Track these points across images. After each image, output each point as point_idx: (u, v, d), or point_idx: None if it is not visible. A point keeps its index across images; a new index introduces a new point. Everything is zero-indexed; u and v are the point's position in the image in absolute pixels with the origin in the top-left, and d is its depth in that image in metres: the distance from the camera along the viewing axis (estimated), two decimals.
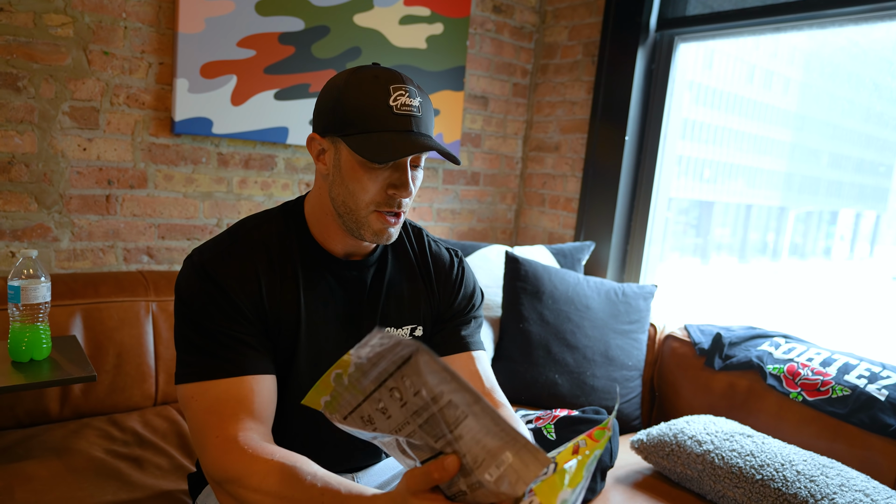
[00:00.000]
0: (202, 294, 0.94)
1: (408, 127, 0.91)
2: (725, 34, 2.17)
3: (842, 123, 2.50)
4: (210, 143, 1.93)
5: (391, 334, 0.60)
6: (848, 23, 1.89)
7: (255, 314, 0.96)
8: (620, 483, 1.55)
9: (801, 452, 1.45)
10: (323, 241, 1.03)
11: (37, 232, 1.70)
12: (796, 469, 1.38)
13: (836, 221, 2.75)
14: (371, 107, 0.90)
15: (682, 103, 2.38)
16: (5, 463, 1.32)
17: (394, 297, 1.08)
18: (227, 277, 0.94)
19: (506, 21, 2.55)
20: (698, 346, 1.89)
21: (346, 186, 0.94)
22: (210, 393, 0.91)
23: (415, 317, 1.10)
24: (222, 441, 0.86)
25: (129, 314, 1.66)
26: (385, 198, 0.94)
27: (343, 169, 0.94)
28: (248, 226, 1.02)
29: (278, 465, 0.82)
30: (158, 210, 1.89)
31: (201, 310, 0.94)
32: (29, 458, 1.35)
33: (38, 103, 1.65)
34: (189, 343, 0.94)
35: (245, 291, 0.95)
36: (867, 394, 1.54)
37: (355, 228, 0.96)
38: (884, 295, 2.35)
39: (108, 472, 1.35)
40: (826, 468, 1.39)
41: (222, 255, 0.97)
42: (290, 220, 1.04)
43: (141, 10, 1.75)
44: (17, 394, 1.48)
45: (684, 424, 1.57)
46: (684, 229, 2.90)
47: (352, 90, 0.92)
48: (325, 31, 2.05)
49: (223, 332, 0.93)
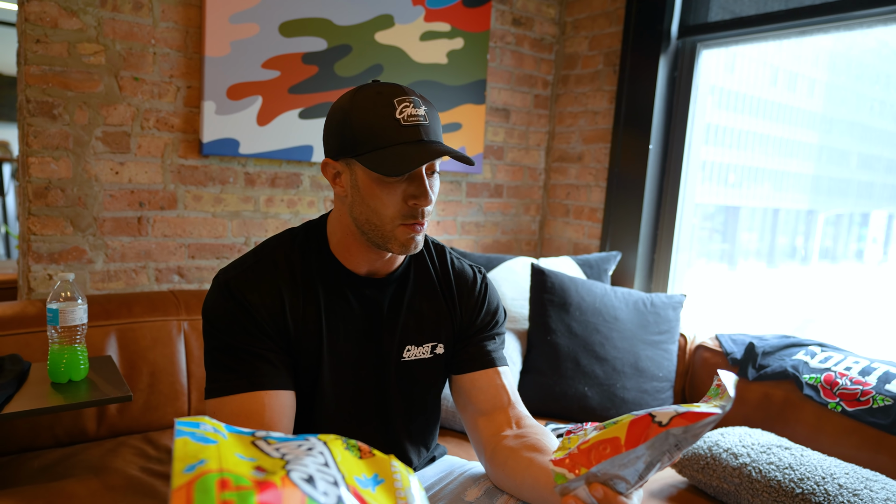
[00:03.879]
0: (225, 311, 0.96)
1: (417, 136, 0.92)
2: (749, 39, 2.15)
3: (872, 124, 2.47)
4: (237, 163, 1.97)
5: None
6: (877, 24, 1.86)
7: (276, 331, 0.97)
8: (655, 497, 1.53)
9: (843, 465, 1.42)
10: (344, 259, 1.04)
11: (72, 254, 1.75)
12: (838, 482, 1.35)
13: (868, 223, 2.69)
14: (379, 123, 0.91)
15: (705, 108, 2.36)
16: (47, 482, 1.35)
17: (413, 314, 1.08)
18: (250, 295, 0.96)
19: (526, 33, 2.56)
20: (730, 356, 1.86)
21: (368, 205, 0.95)
22: (227, 408, 0.93)
23: (435, 335, 1.10)
24: None
25: (161, 333, 1.69)
26: (407, 210, 0.94)
27: (361, 188, 0.95)
28: (272, 245, 1.04)
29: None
30: (188, 230, 1.92)
31: (224, 327, 0.96)
32: (69, 476, 1.38)
33: (72, 130, 1.70)
34: (213, 360, 0.97)
35: (267, 308, 0.97)
36: None
37: (382, 244, 0.97)
38: None
39: (144, 490, 1.37)
40: (870, 481, 1.36)
41: (246, 273, 0.99)
42: (313, 239, 1.05)
43: (169, 35, 1.80)
44: (56, 413, 1.51)
45: (719, 437, 1.55)
46: (710, 235, 2.87)
47: (357, 110, 0.93)
48: (348, 49, 2.08)
49: (243, 348, 0.95)
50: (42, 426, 1.51)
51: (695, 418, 0.63)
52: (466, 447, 1.70)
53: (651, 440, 0.63)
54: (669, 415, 0.65)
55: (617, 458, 0.66)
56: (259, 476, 0.51)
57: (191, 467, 0.49)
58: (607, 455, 0.67)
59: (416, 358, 1.08)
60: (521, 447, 0.97)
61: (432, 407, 1.16)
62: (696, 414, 0.63)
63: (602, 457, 0.68)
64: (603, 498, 0.69)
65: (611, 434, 0.69)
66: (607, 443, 0.68)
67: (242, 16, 1.86)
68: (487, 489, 1.05)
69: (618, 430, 0.68)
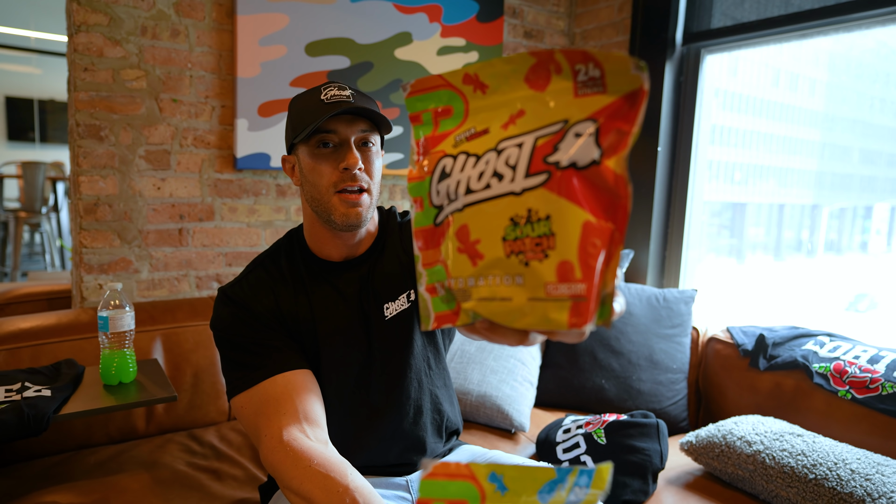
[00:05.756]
0: (228, 316, 1.02)
1: (338, 110, 0.95)
2: (751, 43, 2.12)
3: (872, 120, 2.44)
4: (269, 175, 2.00)
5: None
6: (875, 25, 1.83)
7: (276, 322, 1.02)
8: (672, 484, 1.52)
9: (854, 451, 1.39)
10: (319, 251, 1.08)
11: (120, 265, 1.78)
12: (850, 468, 1.33)
13: (871, 216, 2.66)
14: (307, 107, 0.99)
15: (710, 110, 2.34)
16: (101, 476, 1.38)
17: (385, 277, 1.09)
18: (244, 296, 1.03)
19: (537, 45, 2.56)
20: (742, 347, 1.84)
21: (310, 181, 1.00)
22: (254, 399, 0.95)
23: (405, 283, 1.10)
24: (269, 440, 0.90)
25: (202, 337, 1.72)
26: (339, 176, 0.98)
27: (305, 169, 1.01)
28: (262, 256, 1.11)
29: (314, 471, 0.84)
30: (225, 239, 1.95)
31: (230, 329, 1.01)
32: (121, 471, 1.41)
33: (118, 149, 1.74)
34: (228, 361, 1.01)
35: (262, 304, 1.02)
36: None
37: (327, 217, 1.00)
38: None
39: (191, 483, 1.40)
40: (881, 466, 1.33)
41: (240, 282, 1.06)
42: (294, 242, 1.11)
43: (204, 59, 1.83)
44: (108, 413, 1.55)
45: (733, 425, 1.53)
46: (718, 231, 2.85)
47: (294, 103, 1.02)
48: (369, 66, 2.10)
49: (251, 342, 0.99)
50: (96, 425, 1.55)
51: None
52: (490, 438, 1.70)
53: None
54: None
55: None
56: None
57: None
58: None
59: (396, 312, 1.09)
60: None
61: (434, 357, 1.15)
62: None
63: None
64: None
65: None
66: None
67: (271, 38, 1.89)
68: None
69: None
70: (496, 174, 0.46)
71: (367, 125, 1.00)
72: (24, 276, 4.40)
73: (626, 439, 1.48)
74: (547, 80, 0.46)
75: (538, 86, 0.46)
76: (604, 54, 0.42)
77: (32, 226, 4.90)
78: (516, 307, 0.45)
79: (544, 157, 0.44)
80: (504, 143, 0.47)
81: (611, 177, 0.42)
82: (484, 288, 0.47)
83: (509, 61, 0.47)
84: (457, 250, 0.48)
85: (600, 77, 0.43)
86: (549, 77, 0.46)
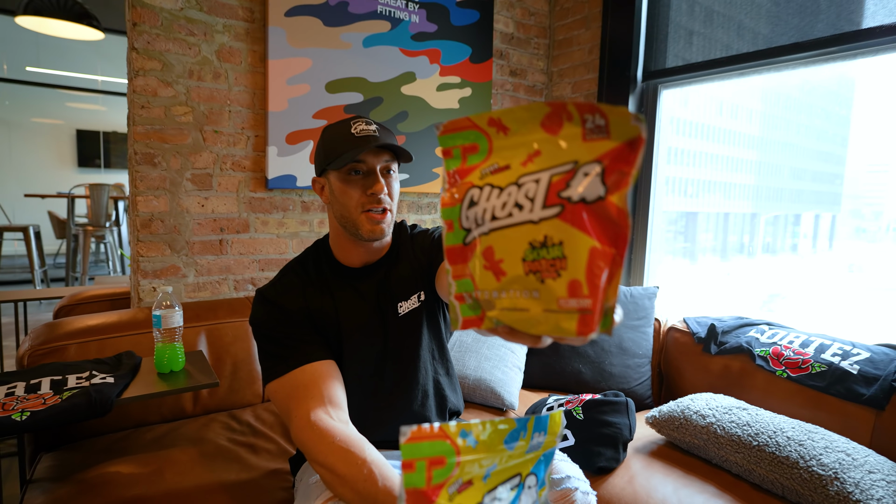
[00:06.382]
0: (264, 313, 1.02)
1: (367, 144, 0.97)
2: (699, 80, 2.13)
3: (799, 143, 2.48)
4: (295, 194, 2.00)
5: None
6: (800, 66, 1.84)
7: (305, 319, 1.02)
8: (639, 453, 1.51)
9: (790, 421, 1.40)
10: (343, 258, 1.09)
11: (170, 271, 1.78)
12: (787, 435, 1.33)
13: (800, 223, 2.68)
14: (339, 137, 0.99)
15: (667, 135, 2.35)
16: (156, 450, 1.38)
17: (397, 278, 1.10)
18: (278, 296, 1.03)
19: (521, 82, 2.57)
20: (696, 335, 1.84)
21: (340, 202, 1.01)
22: (286, 385, 0.95)
23: (416, 285, 1.10)
24: (299, 420, 0.90)
25: (240, 332, 1.72)
26: (366, 199, 0.99)
27: (335, 192, 1.01)
28: (292, 262, 1.12)
29: (337, 446, 0.84)
30: (258, 249, 1.95)
31: (266, 324, 1.01)
32: (172, 446, 1.41)
33: (168, 174, 1.74)
34: (265, 352, 1.01)
35: (293, 303, 1.02)
36: (842, 369, 1.47)
37: (355, 231, 1.02)
38: (842, 282, 2.30)
39: (232, 456, 1.39)
40: (812, 433, 1.33)
41: (274, 284, 1.06)
42: (320, 250, 1.11)
43: (241, 97, 1.83)
44: (162, 397, 1.54)
45: (689, 402, 1.53)
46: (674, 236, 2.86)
47: (327, 133, 1.02)
48: (380, 101, 2.10)
49: (285, 335, 0.99)
50: (151, 406, 1.55)
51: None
52: (485, 416, 1.70)
53: None
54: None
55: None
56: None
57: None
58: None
59: (409, 310, 1.09)
60: None
61: (438, 349, 1.16)
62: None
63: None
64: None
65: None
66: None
67: (297, 79, 1.90)
68: None
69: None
70: (517, 205, 0.47)
71: (390, 156, 1.01)
72: (91, 280, 4.40)
73: (601, 415, 1.48)
74: (560, 126, 0.46)
75: (552, 130, 0.47)
76: (608, 107, 0.43)
77: (98, 238, 4.94)
78: (533, 317, 0.46)
79: (558, 192, 0.45)
80: (524, 178, 0.48)
81: (614, 210, 0.43)
82: (506, 300, 0.48)
83: (528, 109, 0.48)
84: (483, 267, 0.49)
85: (605, 125, 0.44)
86: (561, 123, 0.46)
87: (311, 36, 1.91)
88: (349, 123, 1.00)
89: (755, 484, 1.33)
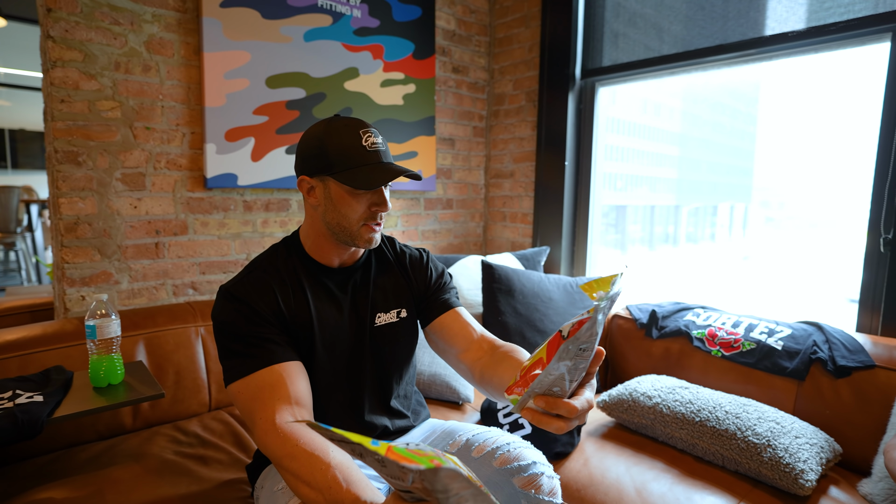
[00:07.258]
0: (231, 310, 0.97)
1: (379, 159, 0.98)
2: (632, 79, 2.23)
3: (716, 140, 2.66)
4: (236, 193, 1.91)
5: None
6: (720, 66, 1.97)
7: (275, 318, 0.98)
8: (592, 436, 1.57)
9: (726, 396, 1.50)
10: (319, 257, 1.07)
11: (101, 278, 1.66)
12: (725, 409, 1.42)
13: (717, 213, 2.89)
14: (350, 148, 0.96)
15: (603, 132, 2.44)
16: (94, 470, 1.28)
17: (379, 289, 1.11)
18: (247, 294, 0.98)
19: (463, 78, 2.58)
20: (638, 321, 1.93)
21: (339, 211, 0.99)
22: (250, 385, 0.92)
23: (398, 302, 1.13)
24: (264, 422, 0.87)
25: (182, 338, 1.63)
26: (370, 214, 0.99)
27: (334, 199, 0.99)
28: (259, 259, 1.07)
29: (301, 450, 0.83)
30: (198, 251, 1.86)
31: (232, 322, 0.96)
32: (112, 464, 1.31)
33: (95, 173, 1.61)
34: (228, 350, 0.96)
35: (264, 301, 0.98)
36: (768, 346, 1.59)
37: (349, 241, 1.01)
38: (757, 266, 2.52)
39: (180, 469, 1.32)
40: (746, 406, 1.44)
41: (242, 281, 1.01)
42: (291, 248, 1.08)
43: (174, 91, 1.73)
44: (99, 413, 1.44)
45: (636, 384, 1.61)
46: (606, 229, 2.98)
47: (331, 138, 0.97)
48: (322, 97, 2.05)
49: (251, 334, 0.95)
50: (85, 424, 1.44)
51: (582, 324, 0.65)
52: (442, 410, 1.71)
53: (559, 352, 0.64)
54: (568, 327, 0.66)
55: (543, 373, 0.66)
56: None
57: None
58: (537, 374, 0.68)
59: (386, 322, 1.10)
60: (498, 358, 0.99)
61: (404, 360, 1.16)
62: (582, 321, 0.65)
63: (535, 376, 0.68)
64: (546, 405, 0.69)
65: (537, 356, 0.71)
66: (537, 364, 0.70)
67: (235, 73, 1.81)
68: (464, 441, 1.07)
69: (541, 352, 0.70)
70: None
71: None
72: (1, 290, 4.00)
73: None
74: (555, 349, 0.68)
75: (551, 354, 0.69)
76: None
77: (7, 245, 4.50)
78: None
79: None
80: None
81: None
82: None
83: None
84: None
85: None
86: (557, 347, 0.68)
87: (249, 28, 1.83)
88: (358, 134, 0.97)
89: (698, 456, 1.42)
